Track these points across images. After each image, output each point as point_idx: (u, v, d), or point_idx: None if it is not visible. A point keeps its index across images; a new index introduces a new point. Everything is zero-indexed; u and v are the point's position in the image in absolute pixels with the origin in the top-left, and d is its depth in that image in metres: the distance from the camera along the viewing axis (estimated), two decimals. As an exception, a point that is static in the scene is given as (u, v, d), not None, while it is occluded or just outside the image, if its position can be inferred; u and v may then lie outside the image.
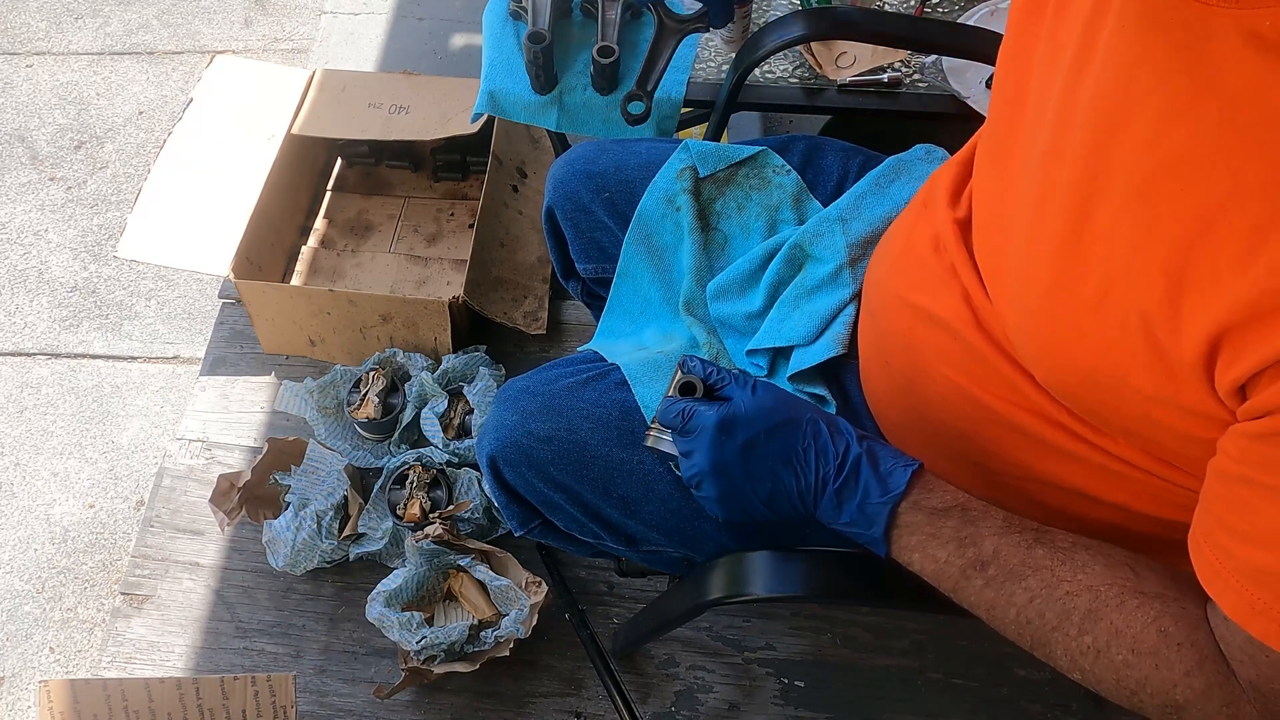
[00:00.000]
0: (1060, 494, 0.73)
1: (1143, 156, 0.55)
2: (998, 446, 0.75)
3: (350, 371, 1.54)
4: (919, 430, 0.82)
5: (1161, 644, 0.59)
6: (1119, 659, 0.60)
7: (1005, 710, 1.31)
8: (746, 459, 0.71)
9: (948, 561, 0.67)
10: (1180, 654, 0.58)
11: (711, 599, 0.84)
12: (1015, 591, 0.64)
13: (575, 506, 0.93)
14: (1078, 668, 0.63)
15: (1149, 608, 0.60)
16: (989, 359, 0.72)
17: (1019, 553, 0.65)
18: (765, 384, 0.74)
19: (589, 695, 1.33)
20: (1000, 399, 0.72)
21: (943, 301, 0.76)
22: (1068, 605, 0.62)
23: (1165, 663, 0.59)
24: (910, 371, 0.80)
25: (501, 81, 1.35)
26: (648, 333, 1.02)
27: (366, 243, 1.76)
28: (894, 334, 0.82)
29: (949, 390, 0.76)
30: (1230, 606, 0.55)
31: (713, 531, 0.89)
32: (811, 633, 1.37)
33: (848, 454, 0.70)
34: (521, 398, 0.93)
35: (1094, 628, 0.61)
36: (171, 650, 1.39)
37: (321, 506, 1.39)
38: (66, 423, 1.68)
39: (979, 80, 1.36)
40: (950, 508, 0.68)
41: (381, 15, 2.27)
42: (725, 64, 1.40)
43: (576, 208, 1.07)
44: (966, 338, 0.73)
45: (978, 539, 0.66)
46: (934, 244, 0.79)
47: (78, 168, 2.02)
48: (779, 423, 0.71)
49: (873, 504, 0.68)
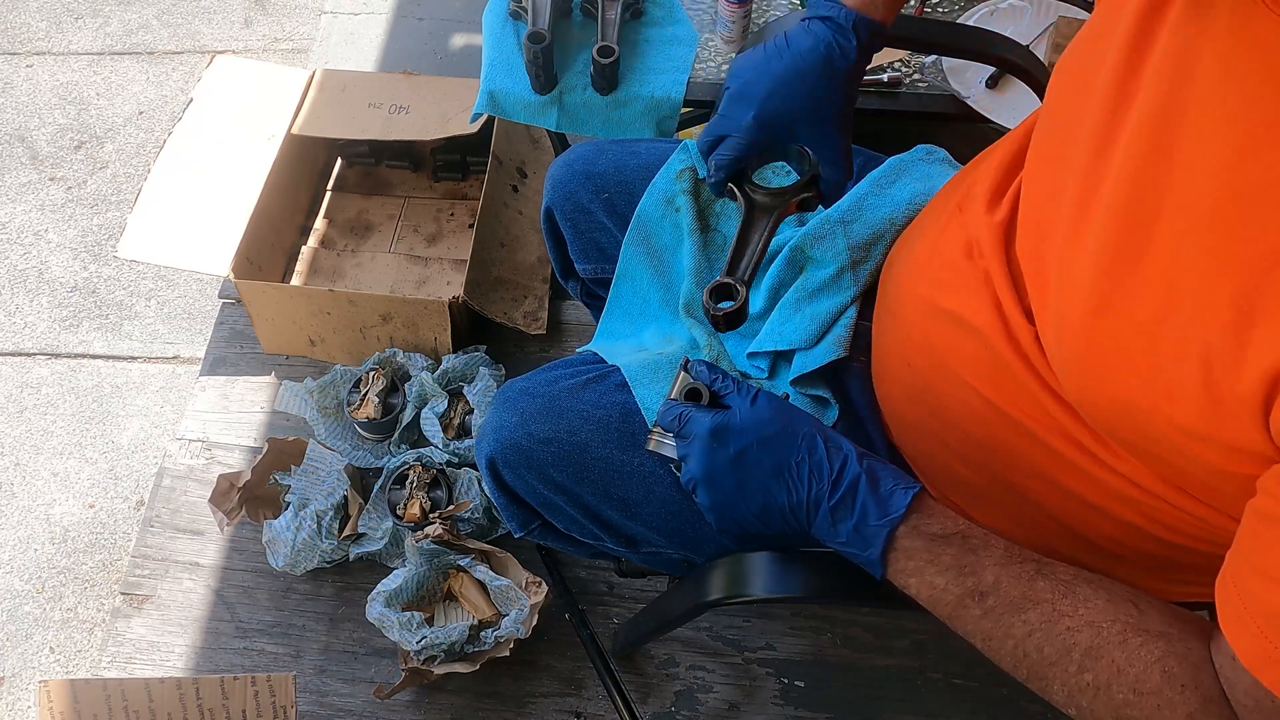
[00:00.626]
0: (1070, 504, 0.72)
1: (1220, 178, 0.52)
2: (1013, 455, 0.74)
3: (350, 371, 1.55)
4: (933, 431, 0.81)
5: (1165, 685, 0.58)
6: (1119, 698, 0.59)
7: (1005, 710, 1.31)
8: (737, 469, 0.70)
9: (945, 589, 0.65)
10: (1184, 696, 0.57)
11: (712, 599, 0.84)
12: (1014, 624, 0.63)
13: (575, 508, 0.92)
14: (1074, 704, 0.61)
15: (1153, 647, 0.59)
16: (1014, 371, 0.70)
17: (1020, 585, 0.64)
18: (767, 395, 0.73)
19: (589, 695, 1.33)
20: (1022, 411, 0.71)
21: (972, 308, 0.73)
22: (1068, 641, 0.61)
23: (1168, 704, 0.57)
24: (930, 374, 0.78)
25: (501, 81, 1.35)
26: (647, 334, 1.02)
27: (366, 243, 1.76)
28: (917, 335, 0.80)
29: (969, 396, 0.74)
30: (1245, 651, 0.54)
31: (713, 534, 0.89)
32: (811, 633, 1.37)
33: (844, 472, 0.68)
34: (521, 399, 0.93)
35: (1095, 665, 0.60)
36: (171, 650, 1.39)
37: (321, 506, 1.39)
38: (66, 423, 1.68)
39: (979, 80, 1.37)
40: (950, 535, 0.67)
41: (381, 15, 2.26)
42: (725, 64, 1.40)
43: (575, 208, 1.07)
44: (995, 346, 0.71)
45: (978, 568, 0.65)
46: (967, 249, 0.75)
47: (78, 168, 2.02)
48: (772, 434, 0.70)
49: (870, 526, 0.67)
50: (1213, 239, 0.53)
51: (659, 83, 1.34)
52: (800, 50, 0.79)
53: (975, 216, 0.76)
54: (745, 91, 0.79)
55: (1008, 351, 0.70)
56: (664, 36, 1.40)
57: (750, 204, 0.83)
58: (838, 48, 0.79)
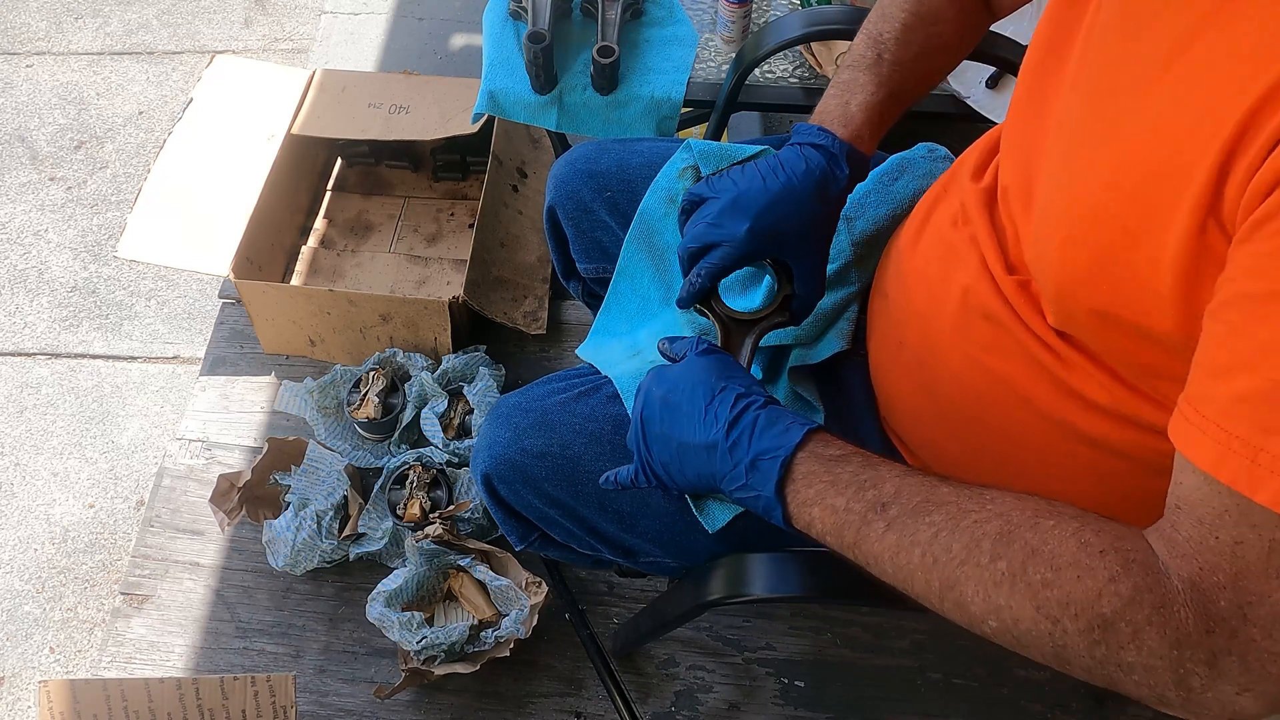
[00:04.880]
0: (1063, 481, 0.73)
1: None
2: (1005, 423, 0.74)
3: (350, 371, 1.54)
4: (930, 411, 0.82)
5: (1082, 554, 0.55)
6: (1037, 579, 0.55)
7: (1005, 710, 1.31)
8: (665, 411, 0.74)
9: (848, 509, 0.64)
10: (1104, 560, 0.54)
11: (711, 599, 0.84)
12: (919, 529, 0.60)
13: (571, 521, 0.93)
14: (993, 607, 0.57)
15: (1067, 524, 0.56)
16: (1002, 319, 0.71)
17: (922, 490, 0.62)
18: (714, 352, 0.76)
19: (589, 695, 1.33)
20: (1011, 364, 0.72)
21: (958, 269, 0.75)
22: (977, 533, 0.58)
23: (1088, 572, 0.54)
24: (923, 349, 0.79)
25: (501, 81, 1.35)
26: (643, 333, 1.02)
27: (366, 243, 1.76)
28: (908, 311, 0.81)
29: (961, 361, 0.75)
30: (1204, 453, 0.51)
31: (707, 543, 0.89)
32: (811, 633, 1.37)
33: (744, 414, 0.70)
34: (514, 414, 0.94)
35: (1007, 550, 0.57)
36: (171, 650, 1.39)
37: (321, 506, 1.39)
38: (66, 423, 1.68)
39: (979, 80, 1.36)
40: (849, 454, 0.66)
41: (381, 15, 2.27)
42: (725, 64, 1.40)
43: (578, 207, 1.07)
44: (983, 300, 0.73)
45: (878, 481, 0.64)
46: (954, 219, 0.79)
47: (78, 168, 2.02)
48: (697, 381, 0.73)
49: (765, 460, 0.67)
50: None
51: (659, 83, 1.34)
52: (796, 172, 0.81)
53: (962, 186, 0.79)
54: (741, 203, 0.80)
55: (995, 303, 0.72)
56: (664, 36, 1.40)
57: (725, 326, 0.84)
58: (831, 174, 0.81)
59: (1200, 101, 0.53)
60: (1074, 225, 0.61)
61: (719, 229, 0.79)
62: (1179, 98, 0.55)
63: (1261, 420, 0.49)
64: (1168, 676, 0.52)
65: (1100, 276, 0.60)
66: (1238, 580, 0.50)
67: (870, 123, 0.84)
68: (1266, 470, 0.48)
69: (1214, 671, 0.51)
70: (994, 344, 0.73)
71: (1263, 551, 0.49)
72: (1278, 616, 0.49)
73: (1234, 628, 0.50)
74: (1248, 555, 0.50)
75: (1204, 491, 0.52)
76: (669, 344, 0.80)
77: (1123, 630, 0.53)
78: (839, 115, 0.84)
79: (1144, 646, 0.52)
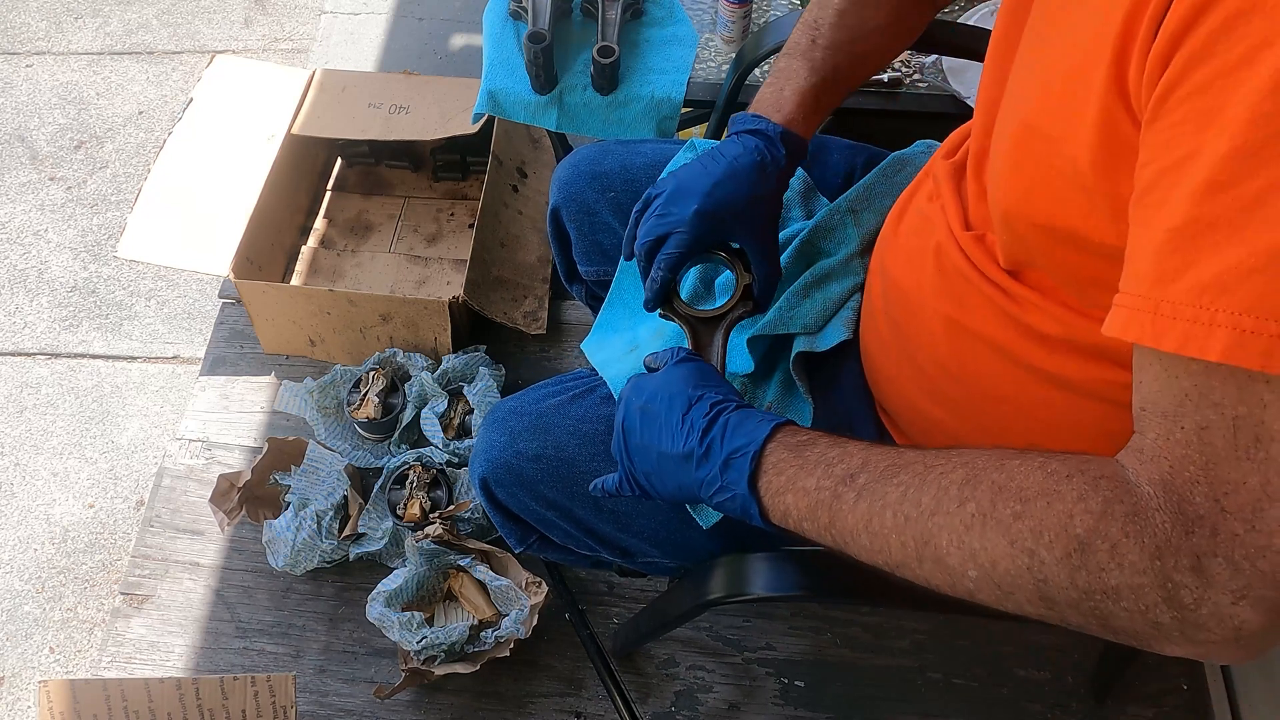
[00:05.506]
0: (1046, 435, 0.73)
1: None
2: (981, 377, 0.76)
3: (350, 371, 1.54)
4: (914, 377, 0.83)
5: (1049, 481, 0.54)
6: (1007, 514, 0.55)
7: (1005, 710, 1.31)
8: (644, 420, 0.74)
9: (818, 488, 0.64)
10: (1070, 483, 0.53)
11: (711, 599, 0.84)
12: (888, 491, 0.61)
13: (568, 522, 0.94)
14: (969, 553, 0.56)
15: (1032, 459, 0.56)
16: (968, 276, 0.74)
17: (888, 457, 0.63)
18: (693, 361, 0.77)
19: (589, 695, 1.33)
20: (979, 315, 0.74)
21: (930, 236, 0.78)
22: (943, 483, 0.58)
23: (1056, 496, 0.53)
24: (904, 317, 0.81)
25: (502, 81, 1.35)
26: (643, 328, 1.02)
27: (366, 243, 1.76)
28: (892, 285, 0.83)
29: (939, 324, 0.77)
30: (1137, 330, 0.50)
31: (703, 542, 0.90)
32: (811, 633, 1.37)
33: (716, 421, 0.71)
34: (510, 418, 0.95)
35: (974, 493, 0.56)
36: (171, 650, 1.39)
37: (321, 506, 1.39)
38: (66, 423, 1.68)
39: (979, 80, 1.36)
40: (816, 438, 0.67)
41: (381, 15, 2.26)
42: (725, 64, 1.40)
43: (582, 209, 1.07)
44: (952, 260, 0.76)
45: (845, 456, 0.65)
46: (929, 195, 0.82)
47: (78, 168, 2.02)
48: (674, 391, 0.73)
49: (738, 458, 0.68)
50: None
51: (659, 83, 1.34)
52: (733, 155, 0.85)
53: (936, 165, 0.83)
54: (685, 188, 0.83)
55: (959, 259, 0.75)
56: (664, 36, 1.40)
57: (692, 327, 0.85)
58: (769, 155, 0.85)
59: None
60: (1014, 147, 0.64)
61: (667, 218, 0.83)
62: (1086, 1, 0.57)
63: (1172, 270, 0.48)
64: (1156, 595, 0.50)
65: (1040, 189, 0.62)
66: (1209, 470, 0.48)
67: (804, 107, 0.88)
68: (1168, 318, 0.48)
69: (1202, 579, 0.48)
70: (964, 299, 0.75)
71: (1229, 432, 0.47)
72: (1256, 503, 0.47)
73: (1214, 524, 0.48)
74: (1214, 440, 0.48)
75: (1161, 380, 0.50)
76: (653, 358, 0.81)
77: (1100, 549, 0.51)
78: (773, 102, 0.88)
79: (1124, 562, 0.50)
